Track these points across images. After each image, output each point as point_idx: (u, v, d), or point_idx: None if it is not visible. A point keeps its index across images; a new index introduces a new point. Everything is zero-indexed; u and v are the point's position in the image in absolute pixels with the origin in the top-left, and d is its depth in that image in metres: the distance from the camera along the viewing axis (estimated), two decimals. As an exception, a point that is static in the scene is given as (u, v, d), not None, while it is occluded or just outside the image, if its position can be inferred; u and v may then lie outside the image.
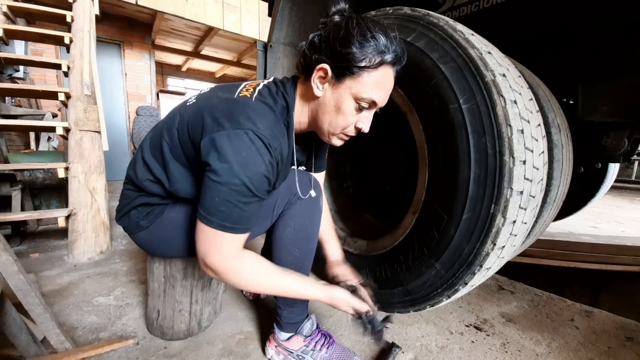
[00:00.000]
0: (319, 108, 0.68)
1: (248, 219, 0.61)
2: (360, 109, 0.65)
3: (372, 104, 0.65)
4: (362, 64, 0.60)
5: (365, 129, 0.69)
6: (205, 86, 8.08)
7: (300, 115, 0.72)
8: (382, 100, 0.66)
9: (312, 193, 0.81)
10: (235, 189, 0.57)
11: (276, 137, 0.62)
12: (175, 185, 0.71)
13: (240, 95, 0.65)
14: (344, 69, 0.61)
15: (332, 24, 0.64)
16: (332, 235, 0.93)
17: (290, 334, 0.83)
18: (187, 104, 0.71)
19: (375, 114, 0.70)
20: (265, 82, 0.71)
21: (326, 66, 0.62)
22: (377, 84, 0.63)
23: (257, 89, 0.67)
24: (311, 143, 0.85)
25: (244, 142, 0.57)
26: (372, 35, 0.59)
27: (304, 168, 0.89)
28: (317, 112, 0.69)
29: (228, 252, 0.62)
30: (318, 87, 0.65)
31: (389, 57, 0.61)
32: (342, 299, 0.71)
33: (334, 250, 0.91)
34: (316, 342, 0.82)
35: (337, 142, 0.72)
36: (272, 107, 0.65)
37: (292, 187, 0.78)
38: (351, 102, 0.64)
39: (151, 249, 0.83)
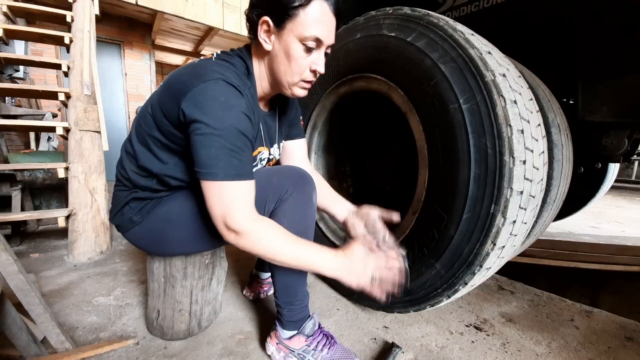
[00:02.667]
0: (272, 62, 0.72)
1: (247, 164, 0.64)
2: (309, 50, 0.68)
3: (318, 41, 0.68)
4: (296, 4, 0.63)
5: (321, 69, 0.71)
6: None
7: (261, 78, 0.76)
8: (325, 36, 0.68)
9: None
10: (227, 133, 0.60)
11: (244, 87, 0.66)
12: (160, 168, 0.74)
13: (200, 59, 0.70)
14: (282, 15, 0.65)
15: None
16: (334, 195, 0.94)
17: (292, 333, 0.83)
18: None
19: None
20: (219, 51, 0.75)
21: (267, 18, 0.66)
22: (315, 19, 0.65)
23: (216, 52, 0.72)
24: (276, 109, 0.88)
25: (219, 89, 0.61)
26: None
27: (281, 144, 0.92)
28: (272, 66, 0.73)
29: (246, 207, 0.63)
30: (266, 41, 0.69)
31: None
32: (357, 255, 0.69)
33: (342, 206, 0.92)
34: (318, 342, 0.82)
35: (300, 92, 0.75)
36: (234, 65, 0.70)
37: (282, 183, 0.77)
38: (298, 45, 0.67)
39: (145, 246, 0.83)
